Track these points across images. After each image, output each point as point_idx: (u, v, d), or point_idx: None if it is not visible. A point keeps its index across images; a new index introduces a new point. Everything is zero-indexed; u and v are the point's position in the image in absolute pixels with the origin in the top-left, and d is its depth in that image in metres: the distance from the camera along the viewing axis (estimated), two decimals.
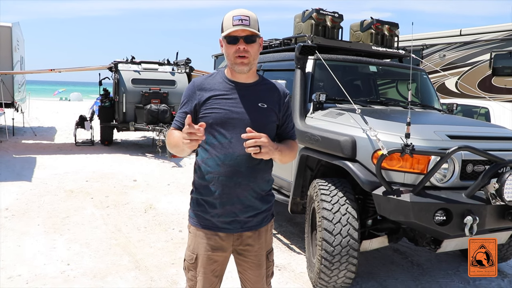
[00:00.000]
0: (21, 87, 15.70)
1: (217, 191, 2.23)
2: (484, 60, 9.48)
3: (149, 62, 12.86)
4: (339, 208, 3.78)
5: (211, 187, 2.24)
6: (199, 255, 2.31)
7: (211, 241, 2.29)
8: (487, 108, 6.93)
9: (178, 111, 2.33)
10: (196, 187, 2.32)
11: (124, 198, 6.99)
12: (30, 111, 19.43)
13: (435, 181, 3.50)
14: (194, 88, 2.28)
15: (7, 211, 6.07)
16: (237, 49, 2.18)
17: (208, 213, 2.27)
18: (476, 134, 3.89)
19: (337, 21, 5.53)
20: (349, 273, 3.81)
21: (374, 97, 5.23)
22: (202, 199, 2.28)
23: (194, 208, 2.34)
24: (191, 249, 2.34)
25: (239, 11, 2.21)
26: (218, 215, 2.26)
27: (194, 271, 2.33)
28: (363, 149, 3.72)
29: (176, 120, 2.31)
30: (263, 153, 2.07)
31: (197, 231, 2.32)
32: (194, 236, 2.33)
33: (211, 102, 2.22)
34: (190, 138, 1.98)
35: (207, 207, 2.27)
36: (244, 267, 2.40)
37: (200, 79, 2.32)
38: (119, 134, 13.80)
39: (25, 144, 12.45)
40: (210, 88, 2.26)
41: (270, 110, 2.29)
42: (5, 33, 13.33)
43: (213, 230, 2.28)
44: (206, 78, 2.32)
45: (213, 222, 2.28)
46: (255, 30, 2.19)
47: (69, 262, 4.46)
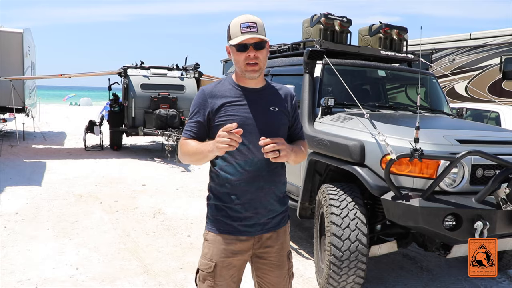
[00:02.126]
0: (31, 92, 15.84)
1: (239, 197, 2.23)
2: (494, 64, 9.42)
3: (158, 67, 12.92)
4: (348, 213, 3.76)
5: (232, 193, 2.23)
6: (218, 262, 2.26)
7: (231, 245, 2.26)
8: (498, 112, 6.88)
9: (189, 121, 2.28)
10: (215, 194, 2.29)
11: (133, 203, 7.01)
12: (41, 116, 19.61)
13: (445, 186, 3.47)
14: (205, 96, 2.25)
15: (17, 215, 6.11)
16: (247, 57, 2.18)
17: (229, 217, 2.25)
18: (486, 139, 3.87)
19: (346, 25, 5.52)
20: (358, 279, 3.79)
21: (383, 102, 5.22)
22: (223, 205, 2.25)
23: (213, 214, 2.29)
24: (209, 257, 2.27)
25: (245, 17, 2.20)
26: (240, 219, 2.25)
27: (212, 280, 2.26)
28: (372, 153, 3.71)
29: (188, 130, 2.26)
30: (282, 156, 2.10)
31: (216, 236, 2.27)
32: (213, 242, 2.27)
33: (225, 109, 2.21)
34: (230, 144, 1.99)
35: (228, 212, 2.25)
36: (264, 270, 2.39)
37: (209, 87, 2.29)
38: (128, 139, 13.87)
39: (35, 148, 12.53)
40: (222, 95, 2.24)
41: (281, 113, 2.31)
42: (16, 39, 13.47)
43: (234, 235, 2.26)
44: (215, 86, 2.29)
45: (234, 227, 2.25)
46: (263, 37, 2.19)
47: (78, 267, 4.48)
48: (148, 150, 13.40)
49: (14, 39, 13.45)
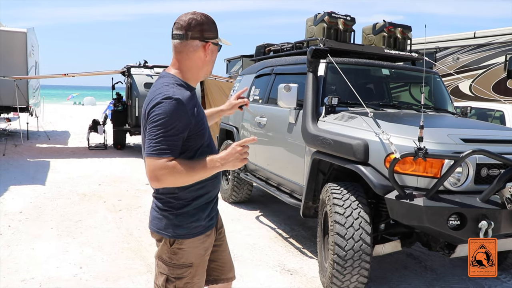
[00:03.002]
0: (35, 92, 15.88)
1: (212, 194, 2.27)
2: (499, 63, 9.36)
3: (161, 66, 12.92)
4: (352, 212, 3.75)
5: (206, 194, 2.22)
6: (195, 263, 2.22)
7: (205, 243, 2.26)
8: (502, 111, 6.85)
9: (171, 136, 1.99)
10: (187, 201, 2.17)
11: (137, 202, 7.01)
12: (44, 116, 19.64)
13: (449, 185, 3.46)
14: (185, 108, 2.03)
15: (21, 214, 6.12)
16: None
17: (200, 219, 2.21)
18: (490, 138, 3.85)
19: (349, 24, 5.51)
20: (362, 278, 3.78)
21: (387, 101, 5.20)
22: (194, 209, 2.20)
23: (186, 221, 2.17)
24: (186, 263, 2.20)
25: (210, 17, 2.21)
26: (207, 215, 2.25)
27: (191, 282, 2.22)
28: (376, 152, 3.70)
29: (173, 147, 2.00)
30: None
31: (191, 241, 2.20)
32: (188, 248, 2.20)
33: (198, 115, 2.12)
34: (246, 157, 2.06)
35: (201, 214, 2.22)
36: (219, 252, 2.47)
37: (182, 95, 2.05)
38: (131, 138, 13.88)
39: (39, 148, 12.57)
40: (193, 104, 2.11)
41: None
42: (20, 38, 13.51)
43: (204, 233, 2.24)
44: (184, 92, 2.08)
45: (203, 225, 2.23)
46: None
47: (81, 265, 4.48)
48: None
49: (18, 39, 13.49)
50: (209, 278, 2.45)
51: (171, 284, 2.21)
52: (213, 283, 2.49)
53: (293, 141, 5.07)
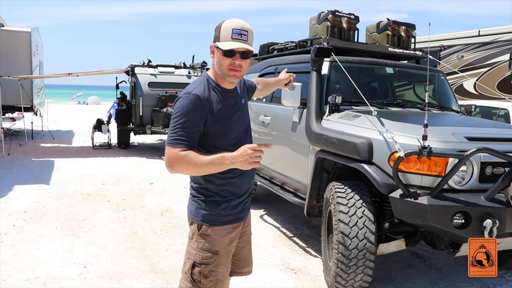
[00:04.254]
0: (40, 91, 15.92)
1: (240, 190, 2.40)
2: (504, 61, 9.32)
3: (165, 65, 12.94)
4: (356, 211, 3.75)
5: (234, 189, 2.38)
6: (221, 252, 2.37)
7: (231, 234, 2.41)
8: (507, 110, 6.83)
9: (184, 128, 2.17)
10: (214, 193, 2.35)
11: (141, 201, 7.02)
12: (49, 115, 19.69)
13: (453, 184, 3.45)
14: (202, 103, 2.20)
15: (26, 213, 6.14)
16: (232, 63, 2.24)
17: (228, 208, 2.38)
18: (495, 136, 3.83)
19: (353, 22, 5.49)
20: (366, 277, 3.77)
21: (391, 99, 5.18)
22: (223, 200, 2.37)
23: (214, 209, 2.35)
24: (213, 249, 2.35)
25: (238, 23, 2.24)
26: (236, 207, 2.41)
27: (215, 270, 2.36)
28: (380, 151, 3.69)
29: (186, 138, 2.18)
30: None
31: (218, 229, 2.37)
32: (214, 235, 2.36)
33: (221, 116, 2.26)
34: (258, 160, 2.11)
35: (228, 204, 2.37)
36: (239, 248, 2.56)
37: (201, 92, 2.23)
38: (136, 137, 13.90)
39: (43, 147, 12.61)
40: (214, 101, 2.26)
41: (246, 103, 2.55)
42: (24, 38, 13.54)
43: (232, 223, 2.41)
44: (204, 90, 2.26)
45: (231, 216, 2.40)
46: (251, 48, 2.26)
47: (85, 265, 4.49)
48: (155, 148, 13.43)
49: (22, 39, 13.52)
50: None
51: (197, 269, 2.36)
52: (229, 275, 2.61)
53: (297, 140, 5.07)
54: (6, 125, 16.59)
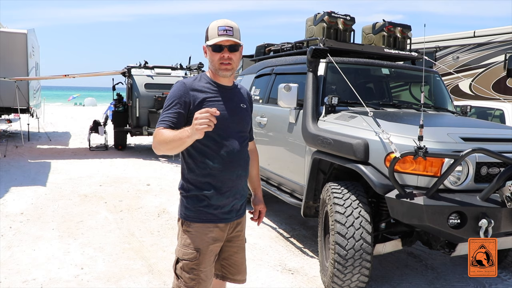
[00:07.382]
0: (36, 93, 15.89)
1: (221, 185, 2.41)
2: (499, 62, 9.36)
3: (162, 66, 12.95)
4: (352, 211, 3.76)
5: (214, 183, 2.40)
6: (202, 250, 2.40)
7: (213, 233, 2.43)
8: (502, 110, 6.85)
9: (167, 111, 2.34)
10: (195, 185, 2.42)
11: (138, 203, 7.02)
12: (45, 117, 19.66)
13: (449, 184, 3.46)
14: (186, 89, 2.37)
15: (22, 215, 6.13)
16: (221, 57, 2.38)
17: (211, 206, 2.41)
18: (490, 136, 3.85)
19: (349, 24, 5.52)
20: (363, 277, 3.79)
21: (387, 100, 5.21)
22: (203, 195, 2.40)
23: (194, 205, 2.41)
24: (193, 246, 2.39)
25: (223, 21, 2.40)
26: (220, 207, 2.43)
27: (197, 268, 2.39)
28: (376, 152, 3.70)
29: (166, 120, 2.32)
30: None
31: (199, 226, 2.41)
32: (196, 232, 2.41)
33: (206, 104, 2.35)
34: (208, 124, 2.06)
35: (210, 201, 2.40)
36: (231, 253, 2.59)
37: (189, 81, 2.42)
38: (132, 138, 13.90)
39: (40, 149, 12.58)
40: (202, 90, 2.39)
41: (248, 109, 2.61)
42: (20, 40, 13.53)
43: (215, 222, 2.43)
44: (194, 81, 2.43)
45: (214, 215, 2.42)
46: (238, 40, 2.39)
47: (83, 266, 4.49)
48: (152, 149, 13.41)
49: (18, 40, 13.51)
50: (218, 273, 2.62)
51: (179, 264, 2.42)
52: (221, 278, 2.65)
53: (293, 141, 5.08)
54: (2, 126, 16.57)
